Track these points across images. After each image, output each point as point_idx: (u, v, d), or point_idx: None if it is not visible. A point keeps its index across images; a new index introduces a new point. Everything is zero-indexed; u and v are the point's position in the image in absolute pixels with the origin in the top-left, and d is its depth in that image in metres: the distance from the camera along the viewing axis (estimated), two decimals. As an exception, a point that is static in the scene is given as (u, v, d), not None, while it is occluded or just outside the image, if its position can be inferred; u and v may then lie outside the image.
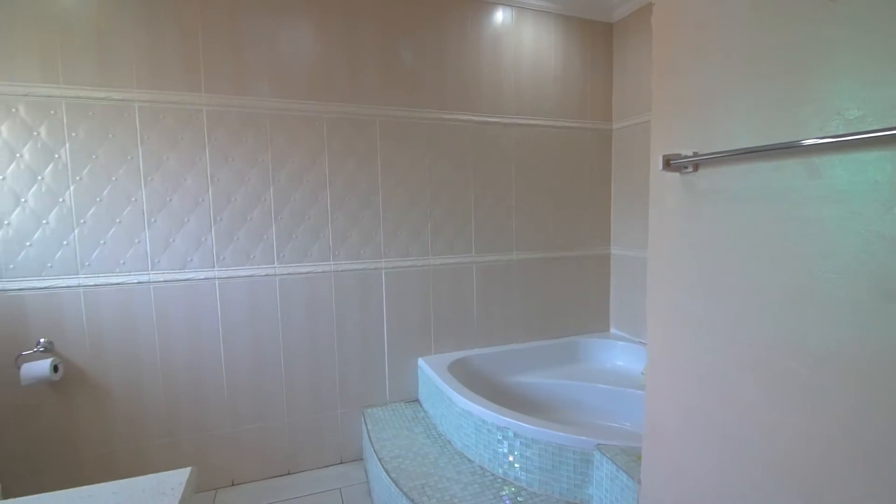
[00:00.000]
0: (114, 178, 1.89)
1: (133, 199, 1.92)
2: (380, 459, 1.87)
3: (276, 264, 2.14)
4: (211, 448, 2.10)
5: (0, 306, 1.78)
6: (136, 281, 1.95)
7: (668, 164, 1.13)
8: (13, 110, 1.75)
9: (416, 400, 2.41)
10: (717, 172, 1.06)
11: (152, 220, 1.95)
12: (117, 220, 1.91)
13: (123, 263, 1.93)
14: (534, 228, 2.61)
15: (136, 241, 1.94)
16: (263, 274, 2.12)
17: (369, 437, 2.06)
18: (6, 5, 1.72)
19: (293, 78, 2.10)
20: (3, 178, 1.75)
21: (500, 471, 1.75)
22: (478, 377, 2.37)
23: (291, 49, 2.09)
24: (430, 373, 2.21)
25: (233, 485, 2.13)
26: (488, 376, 2.42)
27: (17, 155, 1.77)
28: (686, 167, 1.12)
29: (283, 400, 2.19)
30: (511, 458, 1.72)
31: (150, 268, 1.96)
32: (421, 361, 2.36)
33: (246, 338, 2.12)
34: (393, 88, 2.26)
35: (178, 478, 0.79)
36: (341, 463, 2.30)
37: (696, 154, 1.08)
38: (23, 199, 1.78)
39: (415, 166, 2.33)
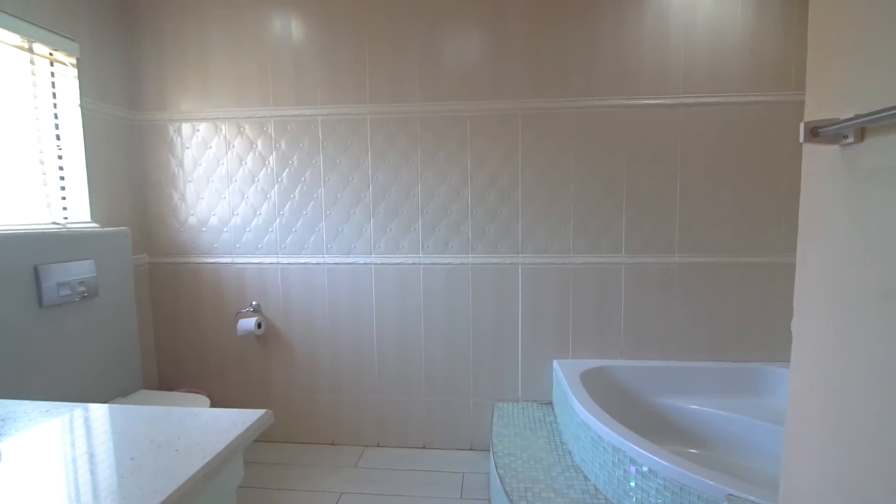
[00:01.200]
0: (303, 180, 2.35)
1: (315, 195, 2.35)
2: (493, 453, 1.87)
3: (420, 254, 2.33)
4: (364, 410, 2.42)
5: (230, 275, 2.43)
6: (315, 262, 2.39)
7: (815, 133, 0.83)
8: (241, 129, 2.35)
9: (550, 403, 2.31)
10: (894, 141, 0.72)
11: (327, 213, 2.36)
12: (304, 213, 2.37)
13: (307, 248, 2.38)
14: (705, 227, 2.19)
15: (316, 229, 2.37)
16: (410, 262, 2.34)
17: (492, 429, 2.07)
18: (238, 51, 2.32)
19: (441, 81, 2.24)
20: (235, 181, 2.37)
21: (615, 497, 1.54)
22: (617, 391, 2.13)
23: (440, 54, 2.23)
24: (561, 376, 2.09)
25: (378, 446, 2.42)
26: (631, 392, 2.14)
27: (243, 163, 2.36)
28: (845, 136, 0.80)
29: (423, 379, 2.38)
30: (627, 487, 1.50)
31: (324, 252, 2.38)
32: (556, 364, 2.25)
33: (394, 317, 2.37)
34: (538, 79, 2.20)
35: (250, 417, 0.96)
36: (471, 449, 2.37)
37: (857, 116, 0.76)
38: (245, 196, 2.38)
39: (557, 159, 2.22)
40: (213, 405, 2.03)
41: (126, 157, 2.35)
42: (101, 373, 2.00)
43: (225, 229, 2.41)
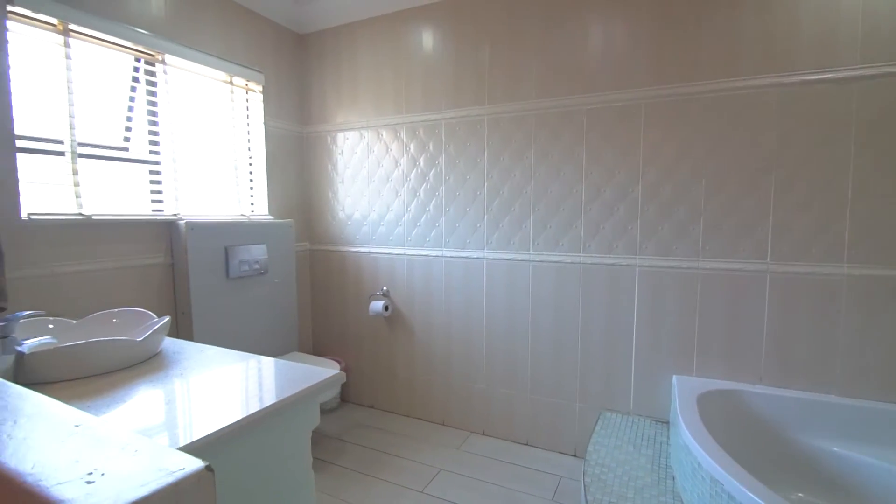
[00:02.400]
0: (427, 179, 2.57)
1: (436, 193, 2.56)
2: (586, 461, 1.80)
3: (531, 251, 2.34)
4: (472, 397, 2.54)
5: (367, 263, 2.79)
6: (434, 255, 2.59)
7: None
8: (380, 135, 2.68)
9: (667, 422, 2.09)
10: None
11: (446, 209, 2.53)
12: (427, 209, 2.59)
13: (428, 241, 2.60)
14: (890, 230, 1.71)
15: (436, 225, 2.57)
16: (520, 259, 2.36)
17: (591, 436, 1.98)
18: (379, 68, 2.65)
19: (557, 76, 2.21)
20: (373, 181, 2.72)
21: (710, 534, 1.35)
22: (748, 421, 1.82)
23: (556, 48, 2.20)
24: (675, 393, 1.88)
25: (483, 434, 2.51)
26: (768, 425, 1.80)
27: (380, 165, 2.70)
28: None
29: (529, 376, 2.39)
30: (725, 525, 1.30)
31: (443, 245, 2.56)
32: (675, 379, 2.02)
33: (503, 312, 2.43)
34: (664, 64, 2.00)
35: (322, 374, 1.15)
36: (574, 455, 2.28)
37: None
38: (381, 194, 2.71)
39: (686, 151, 1.99)
40: (348, 372, 2.40)
41: (295, 163, 2.90)
42: (266, 333, 2.52)
43: (364, 223, 2.78)
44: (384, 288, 2.75)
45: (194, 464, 0.51)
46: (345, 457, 2.29)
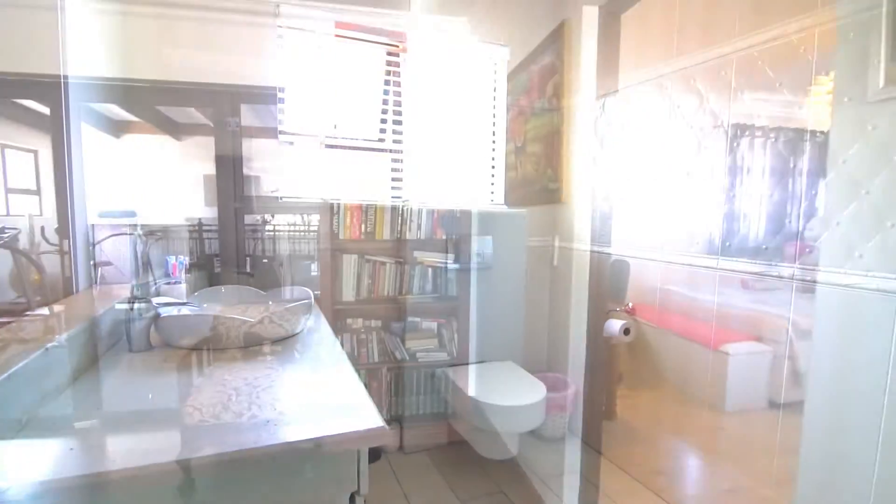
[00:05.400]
0: (704, 148, 1.72)
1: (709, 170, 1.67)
2: None
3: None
4: None
5: (610, 268, 2.14)
6: (701, 264, 1.72)
7: None
8: (662, 86, 1.98)
9: None
10: None
11: (738, 184, 1.62)
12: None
13: (695, 244, 1.75)
14: None
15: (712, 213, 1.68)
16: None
17: None
18: (640, 19, 1.94)
19: None
20: (610, 156, 2.04)
21: None
22: None
23: None
24: None
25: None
26: None
27: (640, 131, 1.99)
28: None
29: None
30: None
31: (719, 252, 1.66)
32: None
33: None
34: None
35: (359, 424, 0.79)
36: None
37: None
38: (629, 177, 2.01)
39: None
40: (575, 400, 1.91)
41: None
42: (482, 334, 2.27)
43: (611, 215, 2.14)
44: (629, 304, 2.04)
45: None
46: (537, 509, 1.80)
